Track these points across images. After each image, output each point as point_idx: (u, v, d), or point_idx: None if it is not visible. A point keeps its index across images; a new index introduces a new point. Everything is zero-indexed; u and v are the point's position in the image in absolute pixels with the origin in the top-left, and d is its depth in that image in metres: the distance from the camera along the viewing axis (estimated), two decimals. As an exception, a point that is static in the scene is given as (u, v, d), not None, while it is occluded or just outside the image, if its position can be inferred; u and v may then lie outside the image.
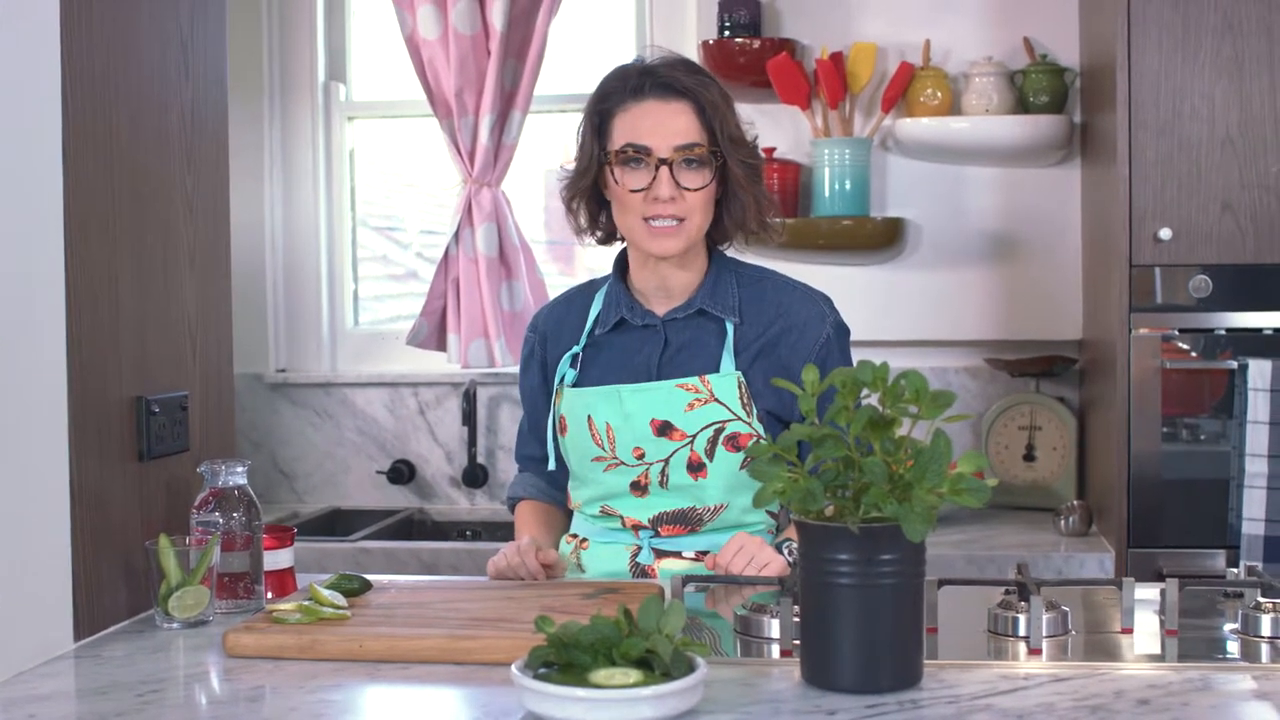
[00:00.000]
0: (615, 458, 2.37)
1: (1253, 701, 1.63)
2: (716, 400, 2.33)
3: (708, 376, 2.34)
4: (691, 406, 2.34)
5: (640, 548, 2.39)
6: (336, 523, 4.04)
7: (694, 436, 2.34)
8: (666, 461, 2.35)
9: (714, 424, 2.33)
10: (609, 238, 2.48)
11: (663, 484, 2.36)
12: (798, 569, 1.73)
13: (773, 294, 2.42)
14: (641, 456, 2.36)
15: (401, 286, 4.37)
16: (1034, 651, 1.84)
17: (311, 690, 1.72)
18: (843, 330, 2.45)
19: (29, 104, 1.92)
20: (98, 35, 2.07)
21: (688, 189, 2.29)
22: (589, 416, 2.38)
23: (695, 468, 2.34)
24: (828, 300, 2.46)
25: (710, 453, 2.33)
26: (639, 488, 2.37)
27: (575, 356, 2.44)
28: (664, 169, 2.28)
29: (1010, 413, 3.77)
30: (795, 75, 3.70)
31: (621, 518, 2.40)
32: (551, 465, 2.48)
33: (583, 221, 2.45)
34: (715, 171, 2.32)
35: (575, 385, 2.42)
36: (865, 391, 1.67)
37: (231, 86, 2.48)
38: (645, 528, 2.38)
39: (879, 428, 1.64)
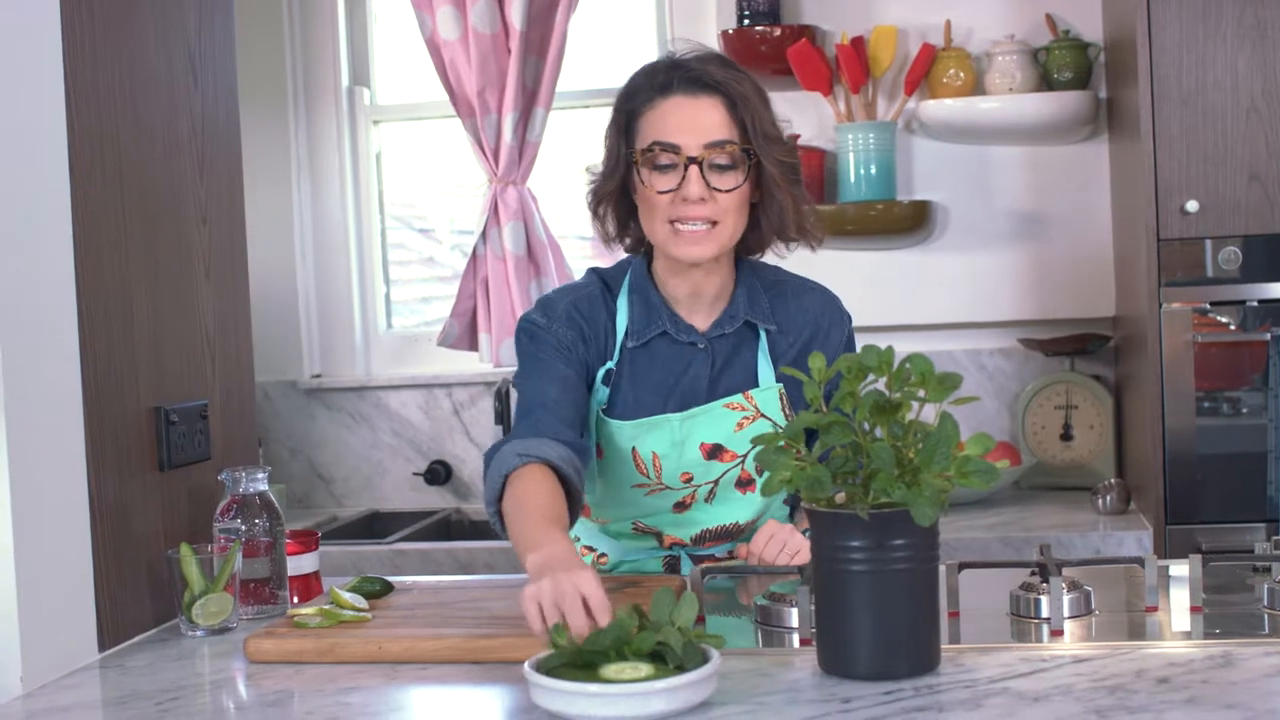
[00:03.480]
0: (660, 484, 2.27)
1: (1276, 677, 1.61)
2: (763, 416, 2.24)
3: (751, 393, 2.25)
4: (740, 426, 2.24)
5: (678, 557, 2.34)
6: (375, 525, 4.05)
7: (744, 456, 2.25)
8: (716, 482, 2.27)
9: None
10: (638, 245, 2.31)
11: (709, 500, 2.29)
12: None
13: (795, 298, 2.31)
14: (689, 480, 2.26)
15: (449, 288, 4.34)
16: (1055, 633, 1.82)
17: (331, 693, 1.73)
18: (851, 321, 2.36)
19: (33, 120, 1.93)
20: (101, 48, 2.08)
21: (719, 190, 2.14)
22: (633, 448, 2.25)
23: (745, 484, 2.28)
24: (836, 297, 2.36)
25: (760, 470, 2.22)
26: (682, 506, 2.30)
27: (609, 373, 2.27)
28: (694, 169, 2.12)
29: (1046, 392, 3.74)
30: (816, 61, 3.68)
31: (660, 535, 2.33)
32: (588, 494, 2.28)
33: (610, 229, 2.31)
34: (749, 171, 2.16)
35: (611, 412, 2.26)
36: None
37: (255, 94, 2.48)
38: (686, 545, 2.33)
39: (885, 412, 1.62)
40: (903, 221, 3.73)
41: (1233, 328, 3.10)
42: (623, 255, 2.38)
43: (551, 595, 1.71)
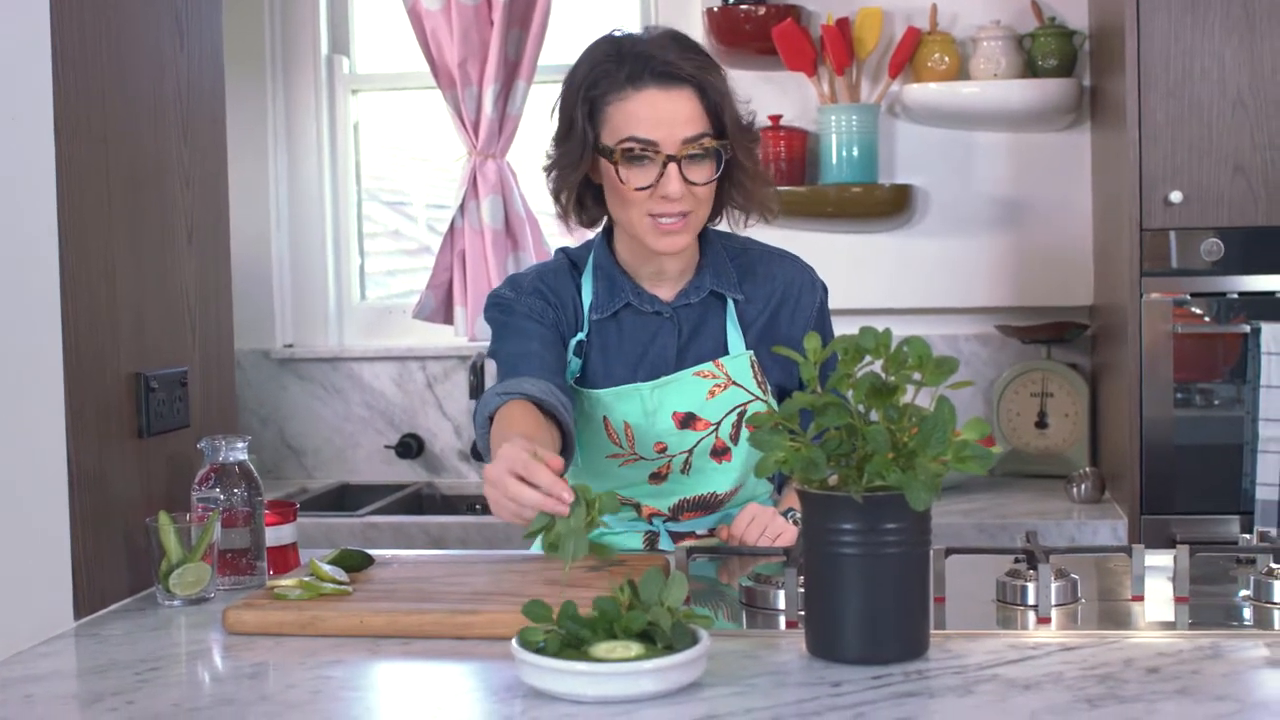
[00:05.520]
0: (634, 454, 2.27)
1: (1264, 669, 1.61)
2: (734, 383, 2.25)
3: (721, 360, 2.25)
4: (712, 394, 2.24)
5: (658, 533, 2.34)
6: (345, 498, 4.03)
7: (718, 424, 2.25)
8: (690, 452, 2.26)
9: (736, 408, 2.25)
10: (594, 223, 2.31)
11: (684, 471, 2.28)
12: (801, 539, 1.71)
13: (762, 265, 2.32)
14: (663, 450, 2.26)
15: (415, 261, 4.34)
16: (1043, 620, 1.81)
17: (311, 667, 1.70)
18: (826, 292, 2.36)
19: (19, 80, 1.89)
20: (88, 7, 2.04)
21: (695, 184, 2.14)
22: (604, 417, 2.26)
23: (720, 452, 2.27)
24: (810, 266, 2.36)
25: (735, 437, 2.26)
26: (658, 477, 2.29)
27: (580, 344, 2.28)
28: (672, 166, 2.11)
29: (1022, 379, 3.74)
30: (801, 41, 3.66)
31: (639, 506, 2.33)
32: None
33: (570, 209, 2.28)
34: (720, 162, 2.16)
35: (583, 383, 2.27)
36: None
37: (234, 61, 2.44)
38: (665, 516, 2.33)
39: (882, 395, 1.61)
40: (883, 205, 3.72)
41: (1206, 319, 3.10)
42: (588, 235, 2.37)
43: (500, 494, 1.86)
